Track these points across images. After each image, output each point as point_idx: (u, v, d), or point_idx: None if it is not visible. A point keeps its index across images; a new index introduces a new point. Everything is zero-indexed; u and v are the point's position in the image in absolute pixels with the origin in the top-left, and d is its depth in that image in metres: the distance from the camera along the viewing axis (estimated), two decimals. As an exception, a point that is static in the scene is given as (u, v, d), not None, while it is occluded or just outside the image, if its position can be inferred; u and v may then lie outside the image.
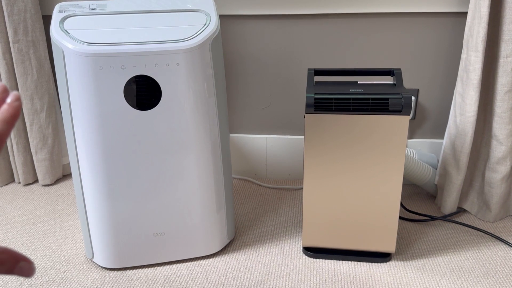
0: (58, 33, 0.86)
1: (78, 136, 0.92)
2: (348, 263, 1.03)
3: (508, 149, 1.11)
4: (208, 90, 0.92)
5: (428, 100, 1.31)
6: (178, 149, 0.93)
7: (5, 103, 0.37)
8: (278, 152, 1.42)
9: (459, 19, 1.20)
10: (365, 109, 0.90)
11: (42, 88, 1.33)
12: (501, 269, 1.00)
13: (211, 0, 0.96)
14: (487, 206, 1.18)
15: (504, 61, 1.05)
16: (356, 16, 1.24)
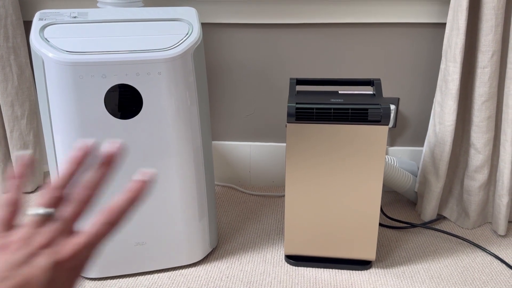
0: (38, 41, 0.86)
1: (58, 145, 0.91)
2: (329, 271, 1.03)
3: (485, 158, 1.13)
4: (190, 98, 0.92)
5: (409, 109, 1.33)
6: (159, 158, 0.93)
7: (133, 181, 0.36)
8: (262, 159, 1.43)
9: (438, 30, 1.22)
10: (345, 119, 0.91)
11: (23, 95, 1.31)
12: (479, 276, 1.02)
13: (193, 9, 0.97)
14: (466, 213, 1.20)
15: (481, 72, 1.07)
16: (338, 26, 1.25)
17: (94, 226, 0.34)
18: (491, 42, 1.05)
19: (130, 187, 0.36)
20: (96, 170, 0.37)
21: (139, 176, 0.37)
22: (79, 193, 0.36)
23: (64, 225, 0.34)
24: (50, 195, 0.36)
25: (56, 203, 0.36)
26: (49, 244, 0.33)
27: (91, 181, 0.36)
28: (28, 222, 0.35)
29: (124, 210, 0.36)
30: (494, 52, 1.05)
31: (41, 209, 0.35)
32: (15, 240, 0.33)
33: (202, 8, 1.24)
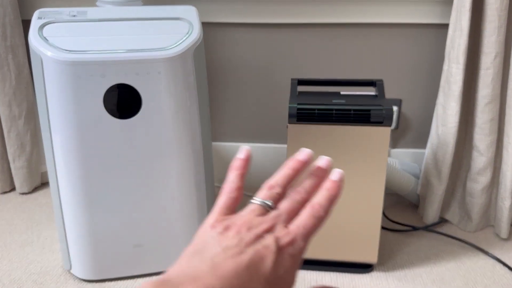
0: (37, 40, 0.84)
1: (56, 144, 0.90)
2: (331, 274, 1.02)
3: (488, 160, 1.12)
4: (190, 98, 0.91)
5: (411, 110, 1.32)
6: (158, 158, 0.92)
7: (328, 180, 0.41)
8: (262, 160, 1.41)
9: (441, 30, 1.21)
10: (347, 120, 0.90)
11: (21, 95, 1.30)
12: (481, 280, 1.00)
13: (193, 8, 0.95)
14: (468, 216, 1.19)
15: (484, 73, 1.06)
16: (340, 26, 1.24)
17: (305, 219, 0.38)
18: (494, 44, 1.04)
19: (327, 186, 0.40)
20: (308, 179, 0.41)
21: (334, 176, 0.41)
22: (296, 194, 0.39)
23: (282, 217, 0.38)
24: (270, 190, 0.39)
25: (276, 199, 0.39)
26: (271, 229, 0.36)
27: (304, 188, 0.40)
28: (251, 209, 0.38)
29: (327, 206, 0.39)
30: (497, 54, 1.04)
31: (263, 201, 0.38)
32: (240, 223, 0.36)
33: (202, 7, 1.23)
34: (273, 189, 0.39)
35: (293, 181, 0.41)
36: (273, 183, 0.40)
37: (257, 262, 0.34)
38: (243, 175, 0.41)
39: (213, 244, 0.35)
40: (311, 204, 0.39)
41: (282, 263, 0.35)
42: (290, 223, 0.38)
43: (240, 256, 0.34)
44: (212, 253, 0.34)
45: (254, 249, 0.34)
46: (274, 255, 0.34)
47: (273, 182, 0.40)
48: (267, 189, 0.39)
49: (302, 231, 0.37)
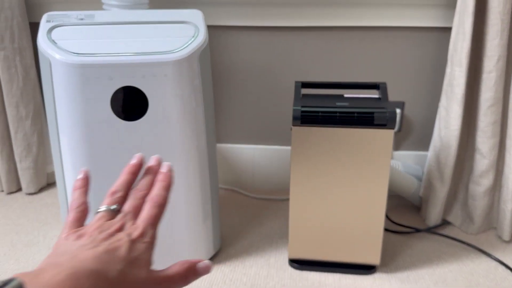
0: (46, 43, 0.86)
1: (64, 146, 0.91)
2: (334, 275, 1.03)
3: (491, 163, 1.12)
4: (196, 101, 0.92)
5: (414, 113, 1.33)
6: (164, 160, 0.93)
7: (160, 173, 0.47)
8: (265, 162, 1.42)
9: (444, 34, 1.22)
10: (350, 122, 0.91)
11: (28, 96, 1.32)
12: (484, 282, 1.01)
13: (199, 12, 0.97)
14: (471, 219, 1.19)
15: (487, 77, 1.07)
16: (344, 30, 1.25)
17: (148, 210, 0.43)
18: (497, 47, 1.04)
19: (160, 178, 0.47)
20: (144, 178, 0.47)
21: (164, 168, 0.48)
22: (136, 192, 0.45)
23: (129, 215, 0.42)
24: (113, 196, 0.44)
25: (120, 202, 0.44)
26: (121, 229, 0.41)
27: (142, 185, 0.46)
28: (98, 217, 0.42)
29: (164, 195, 0.45)
30: (500, 57, 1.05)
31: (108, 207, 0.43)
32: (92, 229, 0.40)
33: (207, 10, 1.24)
34: (115, 194, 0.44)
35: (132, 183, 0.46)
36: (114, 189, 0.45)
37: (113, 250, 0.38)
38: (85, 191, 0.46)
39: (69, 246, 0.38)
40: (150, 197, 0.44)
41: (137, 249, 0.39)
42: (137, 218, 0.43)
43: (96, 247, 0.37)
44: (69, 250, 0.37)
45: (108, 242, 0.38)
46: (128, 244, 0.39)
47: (114, 188, 0.45)
48: (109, 196, 0.44)
49: (148, 221, 0.42)
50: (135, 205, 0.44)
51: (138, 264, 0.38)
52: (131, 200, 0.44)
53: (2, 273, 1.04)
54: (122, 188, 0.45)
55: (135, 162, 0.48)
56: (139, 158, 0.48)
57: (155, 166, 0.48)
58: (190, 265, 0.42)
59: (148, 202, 0.44)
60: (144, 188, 0.45)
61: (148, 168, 0.48)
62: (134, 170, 0.47)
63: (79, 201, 0.44)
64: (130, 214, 0.43)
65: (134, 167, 0.47)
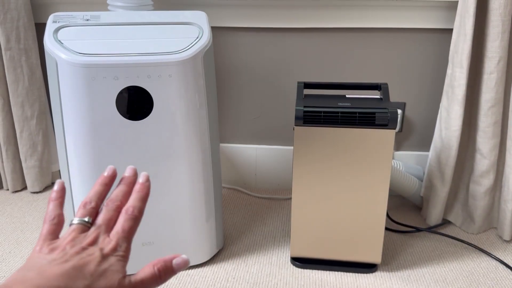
0: (52, 43, 0.87)
1: (69, 145, 0.92)
2: (335, 273, 1.04)
3: (491, 163, 1.13)
4: (200, 101, 0.94)
5: (415, 114, 1.34)
6: (168, 159, 0.94)
7: (137, 183, 0.47)
8: (268, 162, 1.44)
9: (445, 35, 1.23)
10: (352, 122, 0.92)
11: (33, 96, 1.33)
12: (484, 281, 1.02)
13: (203, 13, 0.98)
14: (471, 218, 1.20)
15: (487, 78, 1.08)
16: (346, 31, 1.27)
17: (122, 223, 0.43)
18: (497, 48, 1.05)
19: (137, 188, 0.46)
20: (118, 188, 0.47)
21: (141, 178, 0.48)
22: (110, 203, 0.45)
23: (102, 228, 0.43)
24: (85, 208, 0.44)
25: (92, 214, 0.44)
26: (94, 242, 0.41)
27: (116, 196, 0.46)
28: (72, 229, 0.42)
29: (140, 207, 0.45)
30: (501, 58, 1.06)
31: (81, 219, 0.43)
32: (65, 242, 0.40)
33: (211, 12, 1.26)
34: (87, 206, 0.44)
35: (106, 195, 0.46)
36: (86, 200, 0.45)
37: (82, 265, 0.38)
38: (61, 203, 0.45)
39: (40, 260, 0.38)
40: (125, 208, 0.44)
41: (108, 262, 0.40)
42: (111, 230, 0.43)
43: (65, 263, 0.38)
44: (39, 265, 0.38)
45: (79, 257, 0.39)
46: (99, 258, 0.39)
47: (86, 199, 0.45)
48: (82, 208, 0.44)
49: (122, 235, 0.42)
50: (108, 217, 0.43)
51: (108, 276, 0.39)
52: (104, 212, 0.44)
53: (8, 270, 1.05)
54: (95, 199, 0.45)
55: (108, 173, 0.48)
56: (112, 170, 0.48)
57: (130, 176, 0.48)
58: (164, 264, 0.42)
59: (123, 214, 0.44)
60: (117, 199, 0.45)
61: (123, 179, 0.48)
62: (107, 181, 0.47)
63: (54, 213, 0.44)
64: (104, 227, 0.42)
65: (107, 178, 0.47)
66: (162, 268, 0.42)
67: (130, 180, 0.47)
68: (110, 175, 0.48)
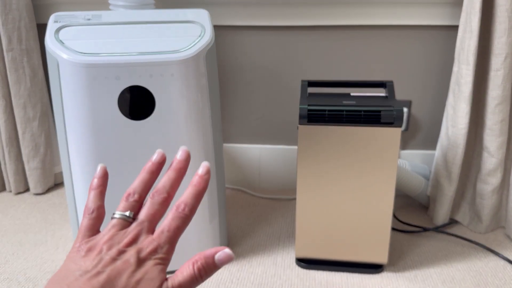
0: (53, 43, 0.86)
1: (71, 145, 0.91)
2: (341, 274, 1.03)
3: (498, 161, 1.12)
4: (202, 100, 0.92)
5: (421, 112, 1.32)
6: (171, 159, 0.93)
7: (196, 174, 0.41)
8: (272, 162, 1.42)
9: (450, 32, 1.22)
10: (357, 121, 0.90)
11: (35, 97, 1.33)
12: (492, 280, 1.00)
13: (205, 12, 0.97)
14: (479, 218, 1.19)
15: (494, 75, 1.07)
16: (350, 29, 1.25)
17: (169, 222, 0.39)
18: (504, 45, 1.04)
19: (194, 181, 0.41)
20: (167, 175, 0.41)
21: (201, 170, 0.41)
22: (153, 197, 0.40)
23: (144, 225, 0.39)
24: (128, 201, 0.40)
25: (135, 208, 0.40)
26: (133, 242, 0.37)
27: (163, 186, 0.40)
28: (112, 225, 0.39)
29: (192, 204, 0.40)
30: (508, 55, 1.04)
31: (123, 213, 0.39)
32: (103, 242, 0.37)
33: (213, 10, 1.25)
34: (130, 198, 0.40)
35: (152, 184, 0.42)
36: (130, 191, 0.40)
37: (114, 277, 0.35)
38: (102, 192, 0.42)
39: (73, 270, 0.35)
40: (176, 204, 0.39)
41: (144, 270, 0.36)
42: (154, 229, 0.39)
43: (96, 277, 0.35)
44: (69, 280, 0.35)
45: (112, 267, 0.35)
46: (133, 267, 0.36)
47: (130, 190, 0.40)
48: (124, 200, 0.40)
49: (166, 235, 0.38)
50: (152, 212, 0.39)
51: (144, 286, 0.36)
52: (149, 206, 0.39)
53: (12, 272, 1.05)
54: (139, 189, 0.40)
55: (156, 159, 0.42)
56: (160, 155, 0.42)
57: (181, 161, 0.42)
58: (204, 261, 0.38)
59: (172, 211, 0.39)
60: (164, 190, 0.40)
61: (173, 163, 0.42)
62: (154, 168, 0.42)
63: (94, 205, 0.40)
64: (147, 224, 0.38)
65: (154, 165, 0.42)
66: (202, 266, 0.38)
67: (182, 165, 0.42)
68: (158, 161, 0.42)
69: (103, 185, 0.42)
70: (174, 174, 0.41)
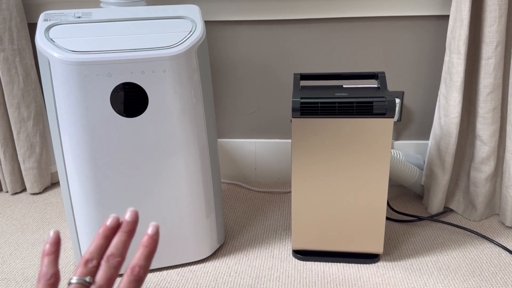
0: (44, 42, 0.86)
1: (65, 144, 0.92)
2: (337, 264, 1.04)
3: (491, 149, 1.13)
4: (195, 96, 0.93)
5: (413, 102, 1.33)
6: (166, 155, 0.93)
7: (145, 235, 0.43)
8: (267, 156, 1.43)
9: (441, 22, 1.22)
10: (350, 112, 0.91)
11: (29, 97, 1.32)
12: (487, 267, 1.02)
13: (196, 7, 0.97)
14: (473, 206, 1.20)
15: (485, 63, 1.07)
16: (341, 21, 1.25)
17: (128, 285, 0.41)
18: (495, 33, 1.04)
19: (145, 242, 0.43)
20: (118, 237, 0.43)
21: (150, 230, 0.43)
22: (109, 261, 0.42)
23: None
24: (86, 266, 0.41)
25: (93, 272, 0.42)
26: None
27: (116, 249, 0.43)
28: None
29: (146, 266, 0.42)
30: (498, 43, 1.05)
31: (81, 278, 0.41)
32: None
33: (204, 6, 1.25)
34: (88, 264, 0.41)
35: (107, 247, 0.43)
36: (88, 257, 0.42)
37: None
38: (56, 258, 0.43)
39: None
40: (131, 267, 0.41)
41: None
42: None
43: None
44: None
45: None
46: None
47: (87, 255, 0.42)
48: (83, 266, 0.41)
49: None
50: (109, 276, 0.41)
51: None
52: (105, 269, 0.41)
53: (9, 272, 1.05)
54: (95, 255, 0.42)
55: (110, 224, 0.44)
56: (114, 220, 0.44)
57: (131, 222, 0.44)
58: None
59: (128, 274, 0.41)
60: (118, 254, 0.42)
61: (123, 225, 0.44)
62: (108, 233, 0.44)
63: (50, 272, 0.41)
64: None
65: (108, 230, 0.44)
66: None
67: (132, 227, 0.44)
68: (112, 227, 0.44)
69: (57, 251, 0.43)
70: (125, 236, 0.43)
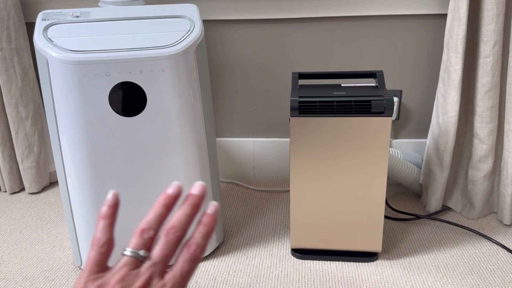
0: (42, 41, 0.86)
1: (64, 143, 0.92)
2: (336, 263, 1.04)
3: (489, 148, 1.13)
4: (193, 95, 0.93)
5: (412, 101, 1.33)
6: (164, 155, 0.94)
7: (205, 213, 0.40)
8: (266, 155, 1.43)
9: (439, 21, 1.22)
10: (348, 111, 0.91)
11: (27, 96, 1.32)
12: (485, 266, 1.02)
13: (194, 6, 0.97)
14: (471, 204, 1.20)
15: (483, 62, 1.07)
16: (340, 20, 1.26)
17: (182, 265, 0.37)
18: (492, 32, 1.05)
19: (204, 220, 0.39)
20: (182, 210, 0.39)
21: (210, 209, 0.40)
22: (168, 235, 0.38)
23: (157, 267, 0.37)
24: (142, 237, 0.38)
25: (148, 245, 0.38)
26: (145, 286, 0.36)
27: (179, 222, 0.38)
28: (123, 263, 0.37)
29: (203, 245, 0.38)
30: (496, 42, 1.05)
31: (136, 251, 0.37)
32: (114, 282, 0.35)
33: (203, 5, 1.25)
34: (144, 234, 0.38)
35: (166, 218, 0.39)
36: (144, 226, 0.38)
37: None
38: (112, 223, 0.39)
39: None
40: (187, 245, 0.38)
41: None
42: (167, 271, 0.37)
43: None
44: None
45: None
46: None
47: (144, 225, 0.38)
48: (138, 236, 0.38)
49: (179, 280, 0.37)
50: (166, 253, 0.37)
51: None
52: (163, 245, 0.37)
53: (8, 271, 1.05)
54: (154, 225, 0.38)
55: (171, 192, 0.40)
56: (176, 188, 0.40)
57: (198, 196, 0.40)
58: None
59: (184, 253, 0.38)
60: (179, 229, 0.38)
61: (189, 197, 0.40)
62: (169, 202, 0.40)
63: (104, 238, 0.38)
64: (159, 265, 0.37)
65: (169, 198, 0.40)
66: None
67: (198, 201, 0.40)
68: (174, 195, 0.40)
69: (114, 214, 0.40)
70: (190, 210, 0.39)
